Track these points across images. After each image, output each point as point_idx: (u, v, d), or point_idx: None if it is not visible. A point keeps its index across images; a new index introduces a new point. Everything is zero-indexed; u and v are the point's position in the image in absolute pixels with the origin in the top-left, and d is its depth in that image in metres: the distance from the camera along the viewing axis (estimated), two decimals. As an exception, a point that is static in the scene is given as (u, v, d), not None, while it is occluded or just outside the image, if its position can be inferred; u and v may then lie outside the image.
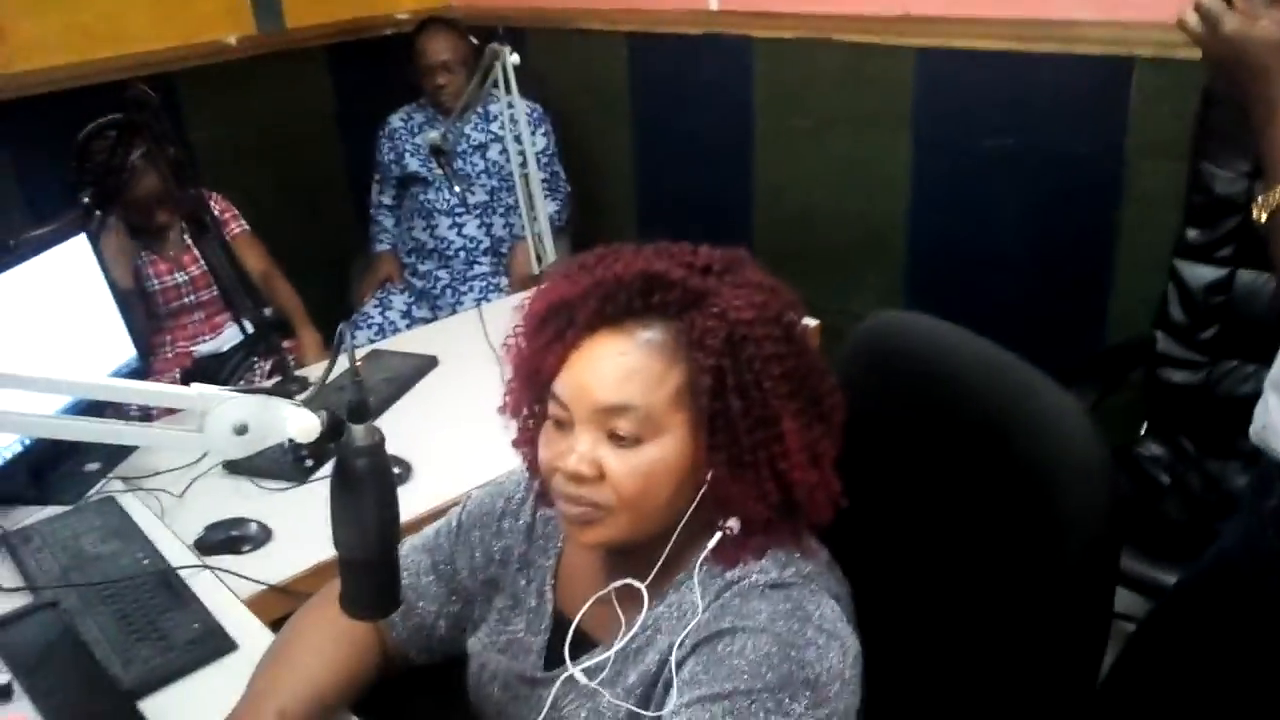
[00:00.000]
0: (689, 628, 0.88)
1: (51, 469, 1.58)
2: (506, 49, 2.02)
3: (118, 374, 1.68)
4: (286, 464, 1.59)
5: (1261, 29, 0.98)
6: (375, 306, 2.74)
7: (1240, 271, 1.79)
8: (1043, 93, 2.11)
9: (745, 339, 0.87)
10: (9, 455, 1.49)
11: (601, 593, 0.95)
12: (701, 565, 0.91)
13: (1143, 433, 1.92)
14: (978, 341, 1.04)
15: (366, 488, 0.81)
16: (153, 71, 2.53)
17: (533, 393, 0.96)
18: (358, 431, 0.80)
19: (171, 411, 1.76)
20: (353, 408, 0.80)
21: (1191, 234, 1.82)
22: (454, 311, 2.63)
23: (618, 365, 0.88)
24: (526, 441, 0.99)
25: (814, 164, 2.57)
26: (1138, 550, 1.62)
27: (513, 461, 1.06)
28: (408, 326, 2.66)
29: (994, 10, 2.12)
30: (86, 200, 1.79)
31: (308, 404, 0.78)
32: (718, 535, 0.91)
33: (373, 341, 2.44)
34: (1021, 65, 2.11)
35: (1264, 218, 1.00)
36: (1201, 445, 1.83)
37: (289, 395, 0.80)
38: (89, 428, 0.73)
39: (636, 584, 0.92)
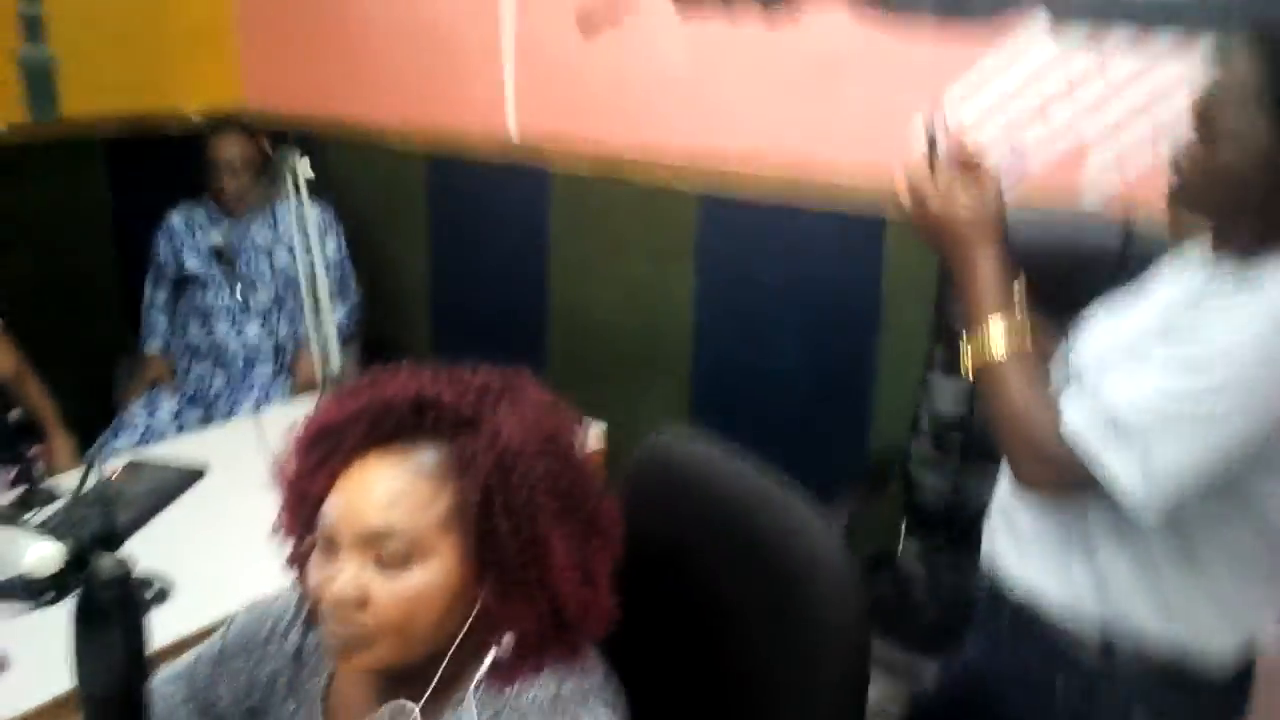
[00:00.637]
0: None
1: None
2: (297, 153, 2.02)
3: None
4: (25, 585, 1.45)
5: (962, 209, 1.15)
6: (143, 409, 2.58)
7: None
8: (812, 239, 2.31)
9: (515, 461, 0.90)
10: None
11: (374, 717, 0.93)
12: (477, 686, 0.91)
13: (902, 535, 2.07)
14: (745, 464, 1.11)
15: (112, 620, 0.77)
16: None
17: (303, 515, 0.95)
18: (103, 563, 0.76)
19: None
20: (99, 534, 0.76)
21: (939, 352, 2.01)
22: (228, 417, 2.52)
23: (385, 488, 0.89)
24: (299, 560, 0.98)
25: (607, 287, 2.67)
26: (899, 643, 1.74)
27: (284, 581, 1.03)
28: (177, 432, 2.52)
29: (768, 169, 2.32)
30: None
31: (54, 526, 0.74)
32: (491, 655, 0.91)
33: (137, 446, 2.30)
34: (793, 216, 2.31)
35: (969, 369, 1.14)
36: (953, 544, 1.99)
37: (33, 507, 0.76)
38: None
39: (409, 706, 0.91)
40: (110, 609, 0.76)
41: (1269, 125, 0.99)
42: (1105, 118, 1.92)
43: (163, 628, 1.31)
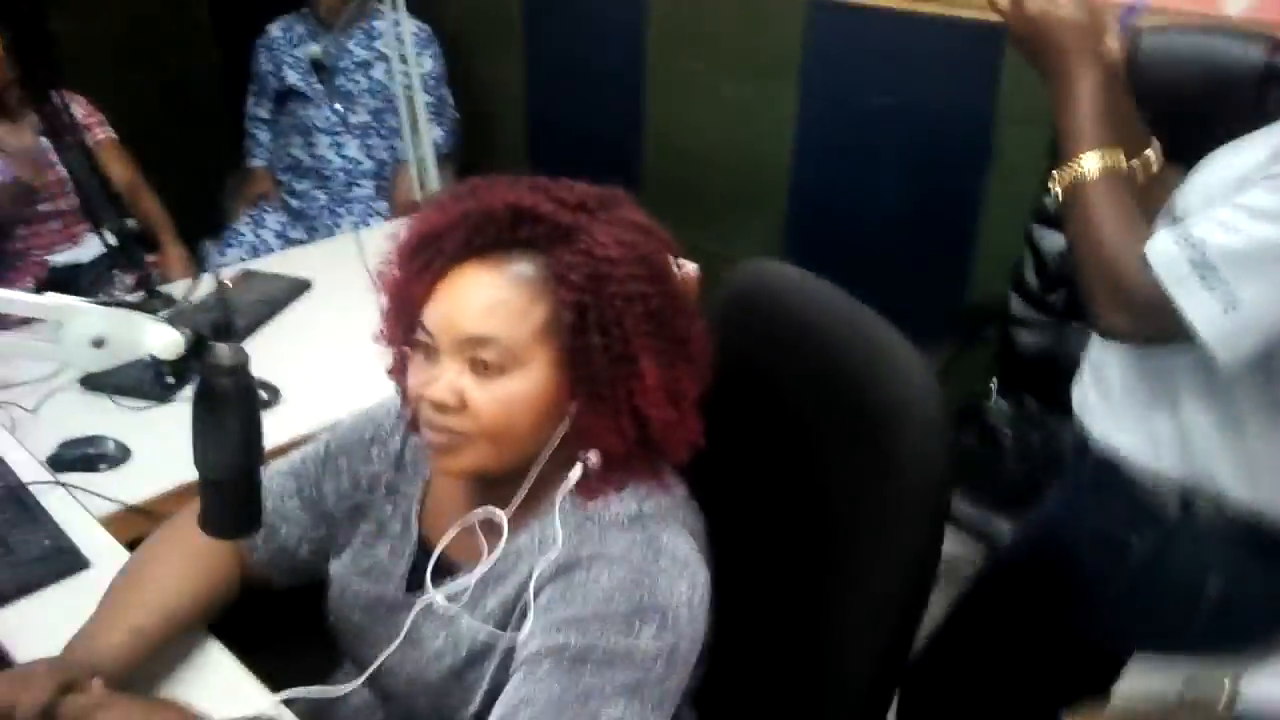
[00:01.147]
0: (549, 557, 0.91)
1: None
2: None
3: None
4: (147, 382, 1.54)
5: (1061, 8, 1.06)
6: (247, 224, 2.65)
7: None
8: (924, 54, 2.17)
9: (609, 277, 0.89)
10: None
11: (465, 521, 0.97)
12: (564, 498, 0.94)
13: (993, 390, 2.04)
14: (840, 295, 1.09)
15: (229, 407, 0.81)
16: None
17: (404, 321, 0.96)
18: (221, 350, 0.79)
19: (28, 322, 1.69)
20: (217, 326, 0.80)
21: (1049, 201, 1.92)
22: (331, 234, 2.56)
23: (482, 297, 0.90)
24: (400, 369, 1.00)
25: (704, 107, 2.59)
26: (978, 500, 1.74)
27: (385, 390, 1.07)
28: (281, 247, 2.58)
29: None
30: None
31: (171, 321, 0.77)
32: (578, 468, 0.93)
33: (244, 260, 2.37)
34: (906, 25, 2.16)
35: (1059, 192, 1.07)
36: (1044, 404, 1.96)
37: (153, 311, 0.79)
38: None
39: (498, 513, 0.95)
40: (228, 395, 0.79)
41: None
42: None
43: (272, 431, 1.39)
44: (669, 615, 0.88)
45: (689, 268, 1.06)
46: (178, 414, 1.53)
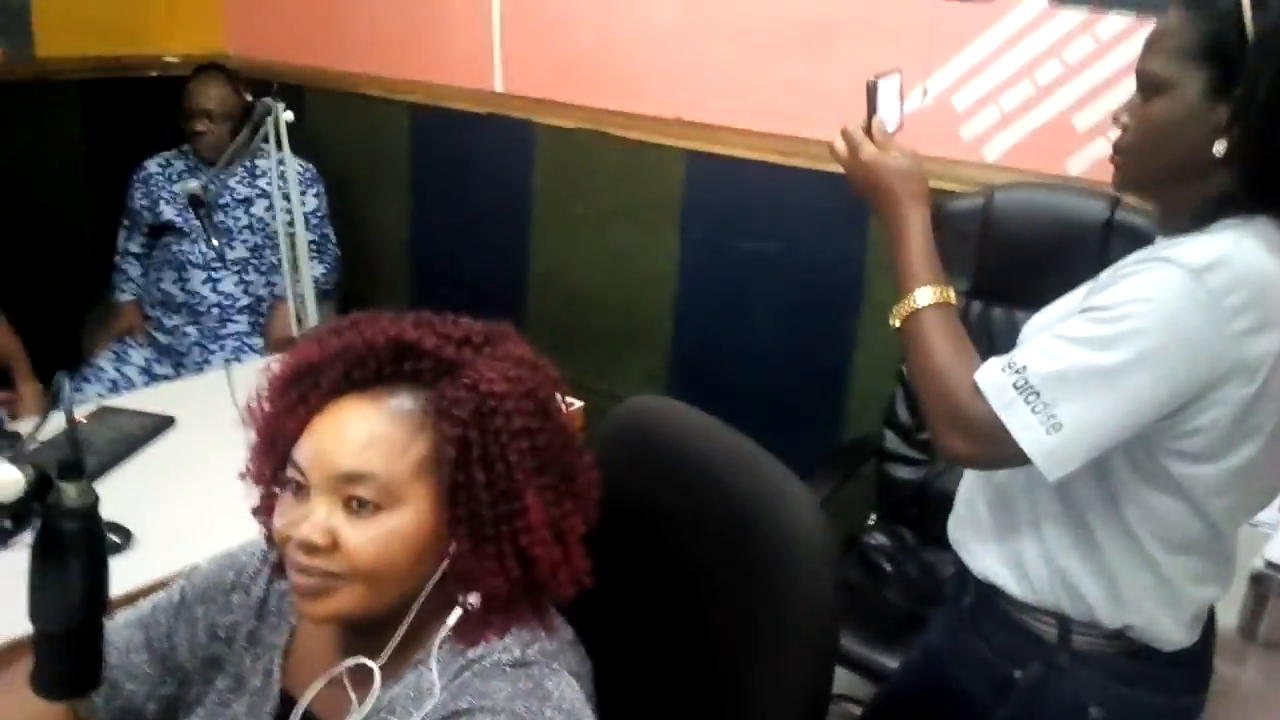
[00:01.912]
0: (425, 709, 0.86)
1: None
2: (280, 105, 1.97)
3: None
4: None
5: (890, 157, 1.18)
6: (110, 360, 2.53)
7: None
8: (798, 204, 2.28)
9: (494, 411, 0.88)
10: None
11: (332, 672, 0.91)
12: (442, 644, 0.89)
13: (870, 523, 2.07)
14: (725, 430, 1.09)
15: (73, 552, 0.74)
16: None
17: (274, 458, 0.92)
18: (67, 490, 0.74)
19: None
20: (64, 464, 0.74)
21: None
22: (200, 370, 2.47)
23: (360, 431, 0.87)
24: (267, 510, 0.95)
25: (588, 250, 2.65)
26: (861, 634, 1.73)
27: (250, 533, 1.01)
28: (146, 383, 2.47)
29: (758, 124, 2.29)
30: None
31: (14, 459, 0.72)
32: (457, 611, 0.89)
33: (102, 397, 2.26)
34: (779, 176, 2.28)
35: (897, 324, 1.15)
36: (920, 536, 2.00)
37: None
38: None
39: (369, 663, 0.89)
40: (72, 539, 0.73)
41: (1199, 76, 1.00)
42: (1094, 79, 1.91)
43: (121, 577, 1.29)
44: None
45: (573, 405, 1.06)
46: (13, 562, 1.41)
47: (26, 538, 1.36)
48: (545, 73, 2.59)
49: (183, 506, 1.56)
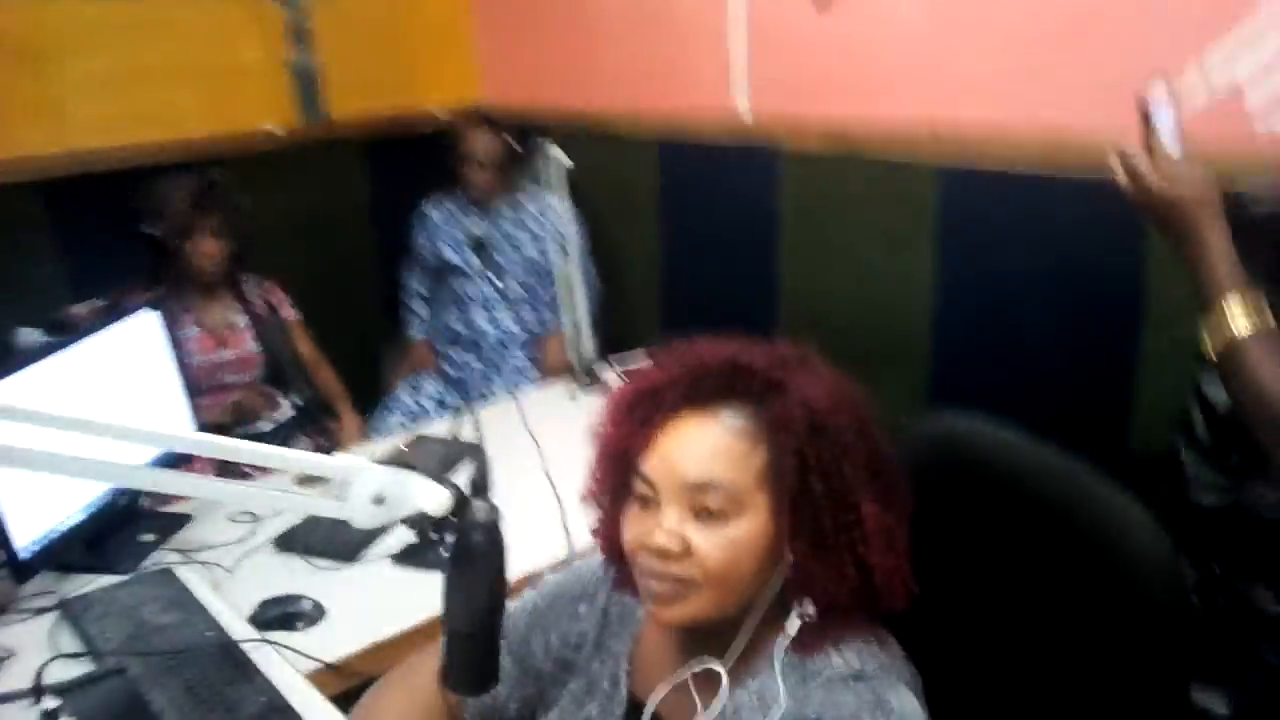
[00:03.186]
0: (775, 717, 0.90)
1: (108, 538, 1.60)
2: (553, 147, 2.11)
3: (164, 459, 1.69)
4: (337, 543, 1.61)
5: (1180, 184, 1.12)
6: (408, 392, 2.78)
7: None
8: (1066, 212, 2.19)
9: (825, 425, 0.93)
10: (70, 524, 1.51)
11: (680, 675, 0.97)
12: (782, 652, 0.93)
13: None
14: (1034, 443, 1.09)
15: (482, 562, 0.84)
16: (198, 158, 2.62)
17: (618, 475, 0.99)
18: (479, 507, 0.84)
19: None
20: (475, 485, 0.84)
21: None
22: (485, 399, 2.67)
23: (705, 444, 0.93)
24: (606, 528, 1.03)
25: (838, 273, 2.65)
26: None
27: (557, 546, 1.08)
28: (438, 414, 2.70)
29: (1017, 131, 2.22)
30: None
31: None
32: (797, 620, 0.93)
33: (404, 426, 2.48)
34: (1044, 187, 2.20)
35: (1211, 353, 1.11)
36: (1229, 566, 1.85)
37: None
38: (243, 490, 0.77)
39: (717, 667, 0.94)
40: (480, 550, 0.83)
41: None
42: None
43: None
44: None
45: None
46: (364, 573, 1.59)
47: (373, 553, 1.53)
48: (790, 96, 2.62)
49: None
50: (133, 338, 1.73)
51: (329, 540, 1.62)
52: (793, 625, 0.93)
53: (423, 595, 1.50)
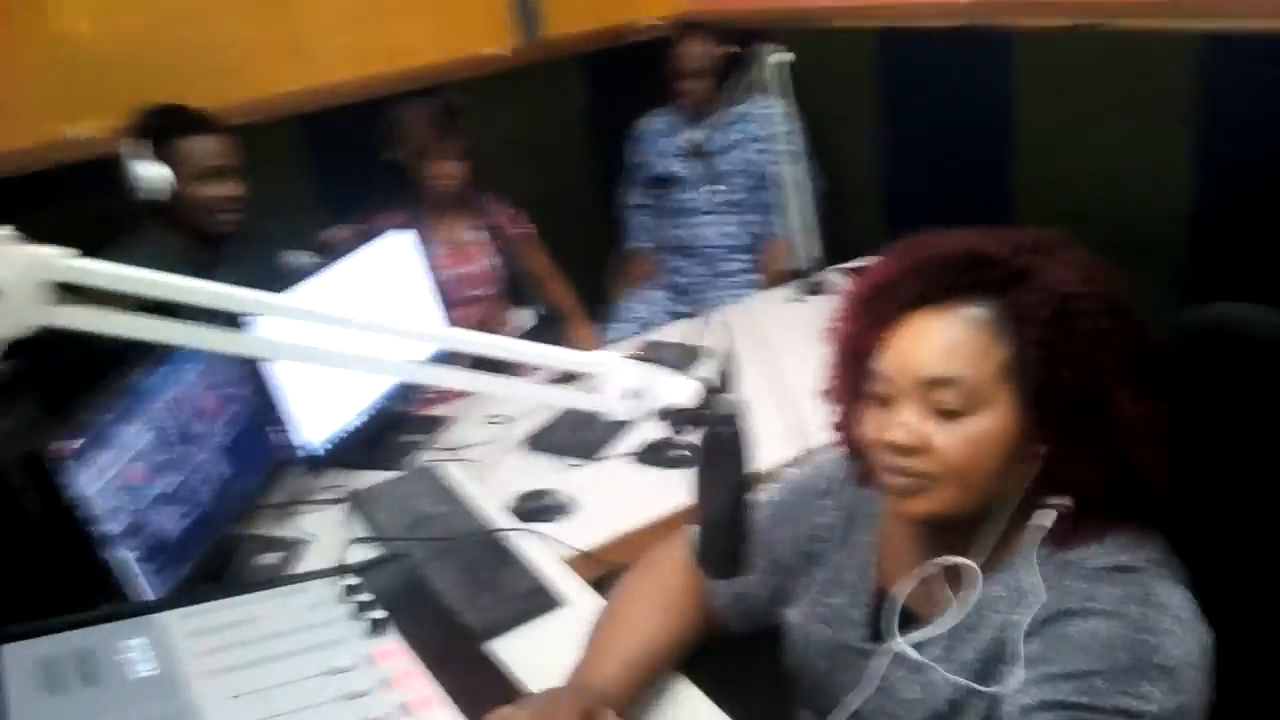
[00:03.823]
0: (1032, 609, 0.89)
1: (384, 439, 1.77)
2: (774, 48, 2.07)
3: (437, 359, 1.84)
4: (581, 442, 1.71)
5: None
6: (636, 302, 2.86)
7: None
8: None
9: (1075, 313, 0.88)
10: (352, 426, 1.68)
11: (929, 569, 0.98)
12: (1036, 546, 0.91)
13: None
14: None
15: (730, 453, 0.87)
16: (426, 85, 2.75)
17: (855, 372, 0.99)
18: (725, 401, 0.87)
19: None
20: (723, 379, 0.87)
21: None
22: (710, 307, 2.71)
23: (941, 339, 0.91)
24: (847, 424, 1.03)
25: (1080, 159, 2.47)
26: None
27: (792, 446, 1.07)
28: (669, 320, 2.76)
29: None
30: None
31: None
32: (1050, 513, 0.91)
33: (636, 335, 2.57)
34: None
35: None
36: None
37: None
38: (516, 386, 0.84)
39: (970, 564, 0.94)
40: (729, 442, 0.86)
41: None
42: None
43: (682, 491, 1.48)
44: (1178, 676, 0.83)
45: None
46: (608, 470, 1.68)
47: (613, 450, 1.61)
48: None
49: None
50: (388, 256, 1.88)
51: (573, 439, 1.72)
52: (1047, 518, 0.91)
53: (661, 491, 1.58)
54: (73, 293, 0.65)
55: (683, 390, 0.84)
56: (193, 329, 0.72)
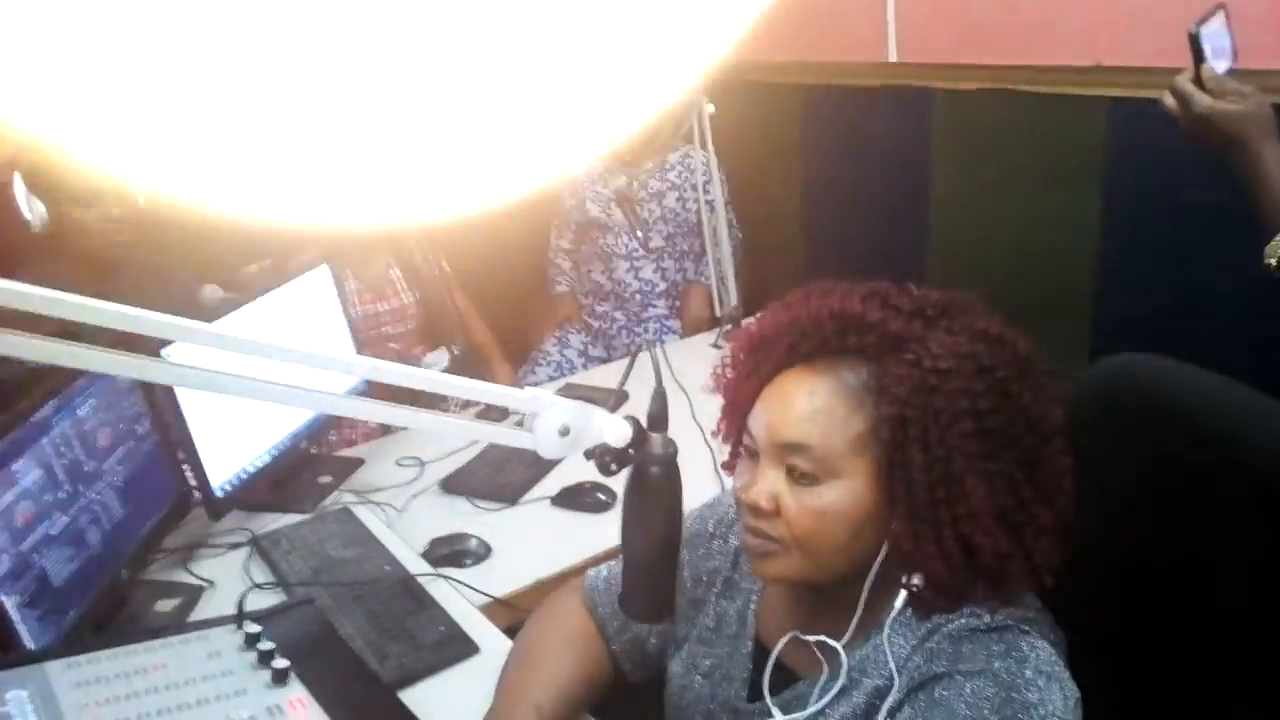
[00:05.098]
0: (890, 699, 0.87)
1: (290, 480, 1.70)
2: (705, 100, 2.10)
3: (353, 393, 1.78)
4: (498, 486, 1.67)
5: (1229, 103, 1.14)
6: (555, 345, 2.83)
7: None
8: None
9: (936, 389, 0.85)
10: (258, 465, 1.61)
11: (798, 637, 0.95)
12: (895, 621, 0.89)
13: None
14: (1237, 385, 1.02)
15: (659, 494, 0.85)
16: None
17: (735, 423, 0.99)
18: (656, 440, 0.85)
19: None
20: (653, 419, 0.85)
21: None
22: (628, 352, 2.70)
23: (802, 403, 0.89)
24: (732, 467, 1.02)
25: (993, 217, 2.55)
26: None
27: (706, 490, 1.07)
28: (584, 365, 2.74)
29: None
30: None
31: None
32: (903, 594, 0.88)
33: (552, 379, 2.54)
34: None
35: (1272, 264, 1.13)
36: None
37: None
38: (441, 421, 0.80)
39: (834, 643, 0.91)
40: (658, 482, 0.84)
41: None
42: None
43: (603, 531, 1.46)
44: None
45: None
46: (525, 514, 1.64)
47: (532, 495, 1.57)
48: (943, 37, 2.53)
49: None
50: (304, 294, 1.82)
51: (491, 483, 1.67)
52: (899, 600, 0.88)
53: (580, 536, 1.54)
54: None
55: (615, 429, 0.82)
56: (111, 355, 0.67)
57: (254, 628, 1.15)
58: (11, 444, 1.19)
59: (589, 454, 0.85)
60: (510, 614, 1.39)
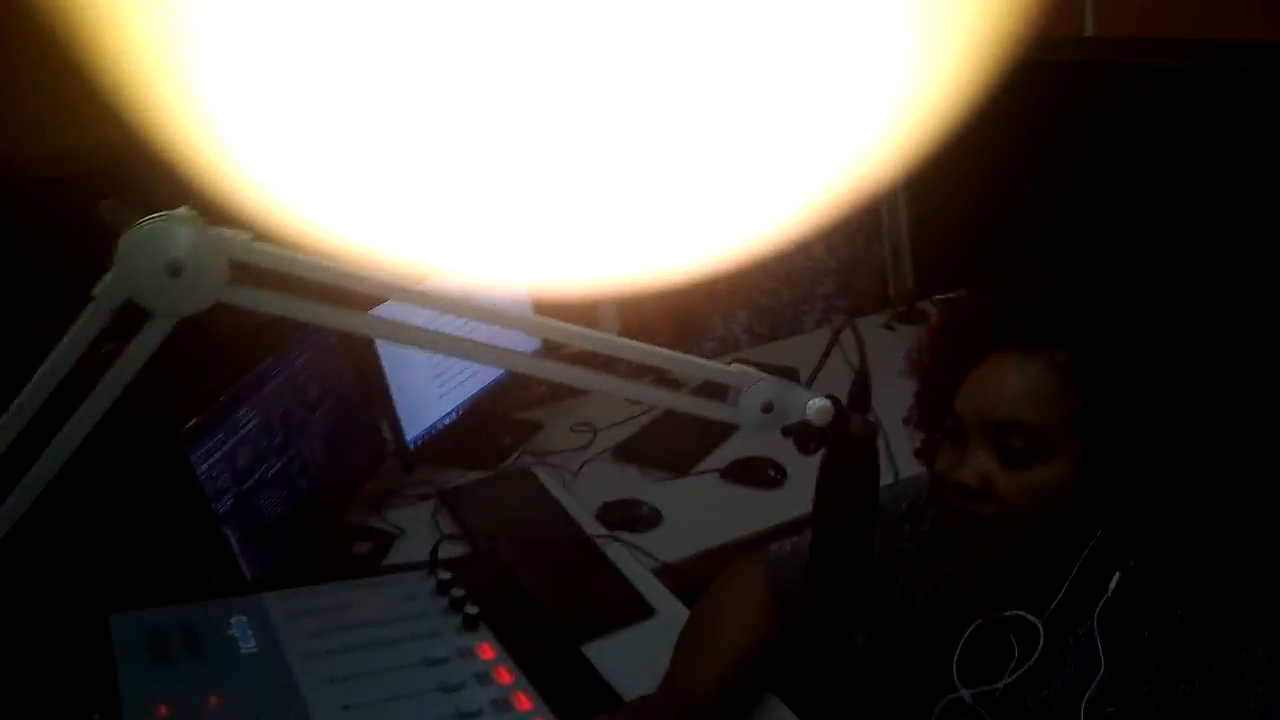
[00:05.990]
0: (1101, 668, 0.84)
1: (473, 439, 1.78)
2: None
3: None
4: (670, 455, 1.70)
5: None
6: (720, 320, 2.84)
7: None
8: None
9: (1160, 370, 0.84)
10: (445, 423, 1.69)
11: (994, 614, 0.94)
12: (1109, 607, 0.87)
13: None
14: None
15: (859, 474, 0.86)
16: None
17: (934, 405, 0.98)
18: (856, 420, 0.85)
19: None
20: (854, 399, 0.85)
21: None
22: (795, 330, 2.69)
23: (1014, 383, 0.88)
24: (928, 452, 1.01)
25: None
26: None
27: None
28: (749, 343, 2.75)
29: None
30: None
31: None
32: (1116, 576, 0.86)
33: (715, 355, 2.55)
34: None
35: None
36: None
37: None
38: (644, 389, 0.83)
39: (1033, 620, 0.90)
40: (855, 463, 0.85)
41: None
42: None
43: (779, 509, 1.46)
44: None
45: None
46: (695, 486, 1.67)
47: (703, 466, 1.59)
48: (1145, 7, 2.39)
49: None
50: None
51: (662, 452, 1.71)
52: (1113, 582, 0.86)
53: (750, 510, 1.56)
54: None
55: (817, 407, 0.83)
56: (358, 315, 0.73)
57: (445, 574, 1.22)
58: (237, 392, 1.30)
59: (786, 430, 0.86)
60: (681, 580, 1.42)
